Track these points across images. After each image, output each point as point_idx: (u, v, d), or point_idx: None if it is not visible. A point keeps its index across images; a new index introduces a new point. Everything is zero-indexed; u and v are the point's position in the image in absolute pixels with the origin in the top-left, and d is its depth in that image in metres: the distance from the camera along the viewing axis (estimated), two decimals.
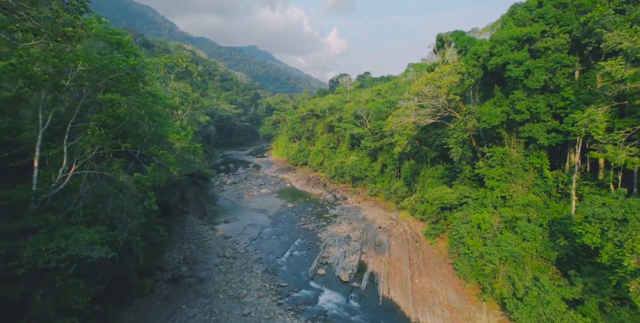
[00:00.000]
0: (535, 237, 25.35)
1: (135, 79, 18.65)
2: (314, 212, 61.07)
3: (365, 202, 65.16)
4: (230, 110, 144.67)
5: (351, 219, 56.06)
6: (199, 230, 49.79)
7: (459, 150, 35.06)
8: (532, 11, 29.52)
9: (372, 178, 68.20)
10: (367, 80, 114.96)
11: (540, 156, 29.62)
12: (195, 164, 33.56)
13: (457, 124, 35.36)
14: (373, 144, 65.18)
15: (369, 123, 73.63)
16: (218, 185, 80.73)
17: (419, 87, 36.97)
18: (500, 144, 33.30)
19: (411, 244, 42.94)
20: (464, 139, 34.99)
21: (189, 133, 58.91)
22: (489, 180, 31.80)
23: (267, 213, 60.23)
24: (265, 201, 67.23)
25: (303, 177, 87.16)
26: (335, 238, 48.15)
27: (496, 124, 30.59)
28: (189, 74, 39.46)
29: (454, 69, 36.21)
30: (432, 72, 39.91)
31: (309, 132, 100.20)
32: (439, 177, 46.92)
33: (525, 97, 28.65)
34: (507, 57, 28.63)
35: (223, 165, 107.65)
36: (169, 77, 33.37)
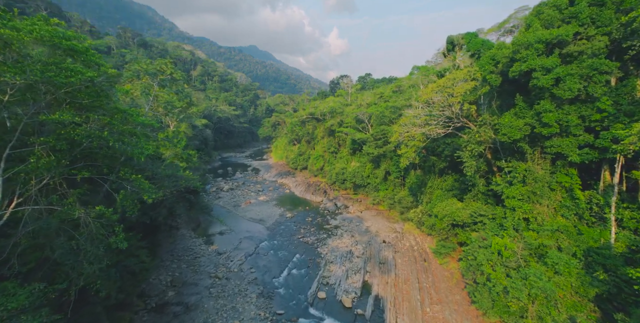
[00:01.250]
0: (570, 270, 21.75)
1: (96, 93, 15.05)
2: (314, 222, 57.44)
3: (368, 211, 61.55)
4: (229, 112, 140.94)
5: (353, 231, 52.43)
6: (192, 244, 46.17)
7: (474, 164, 31.40)
8: (563, 10, 25.87)
9: (375, 186, 64.57)
10: (368, 81, 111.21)
11: (570, 174, 26.00)
12: (183, 181, 29.86)
13: (472, 135, 31.68)
14: (376, 150, 61.50)
15: (371, 127, 70.01)
16: (215, 192, 77.18)
17: (428, 95, 33.27)
18: (521, 159, 29.65)
19: (419, 263, 39.33)
20: (479, 152, 31.32)
21: (181, 139, 55.38)
22: (509, 199, 28.17)
23: (265, 223, 56.57)
24: (263, 210, 63.57)
25: (303, 183, 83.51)
26: (337, 253, 44.54)
27: (518, 138, 26.95)
28: (174, 81, 36.03)
29: (468, 75, 32.53)
30: (442, 78, 36.20)
31: (309, 136, 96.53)
32: (448, 189, 43.26)
33: (554, 108, 25.00)
34: (534, 63, 24.95)
35: (221, 169, 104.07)
36: (151, 85, 29.60)
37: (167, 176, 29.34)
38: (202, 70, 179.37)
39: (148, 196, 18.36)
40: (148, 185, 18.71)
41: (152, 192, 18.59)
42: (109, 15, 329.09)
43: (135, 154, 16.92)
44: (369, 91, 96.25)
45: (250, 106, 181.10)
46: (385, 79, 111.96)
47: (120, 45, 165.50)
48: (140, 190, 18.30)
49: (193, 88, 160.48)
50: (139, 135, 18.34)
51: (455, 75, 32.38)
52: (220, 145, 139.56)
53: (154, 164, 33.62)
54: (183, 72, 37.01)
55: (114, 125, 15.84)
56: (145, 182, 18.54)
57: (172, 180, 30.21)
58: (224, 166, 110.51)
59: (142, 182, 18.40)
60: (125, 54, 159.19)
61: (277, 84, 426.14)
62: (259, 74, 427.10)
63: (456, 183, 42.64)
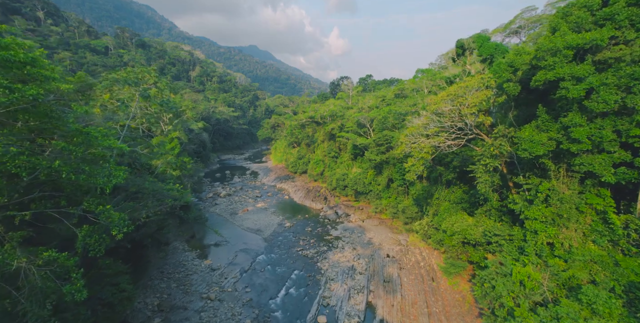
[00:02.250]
0: (611, 310, 18.75)
1: (45, 113, 12.03)
2: (313, 232, 54.41)
3: (370, 220, 58.54)
4: (228, 113, 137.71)
5: (355, 243, 49.44)
6: (184, 259, 43.13)
7: (488, 180, 28.35)
8: (595, 12, 22.81)
9: (377, 193, 61.53)
10: (369, 83, 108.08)
11: (602, 195, 22.98)
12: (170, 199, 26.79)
13: (486, 148, 28.62)
14: (378, 157, 58.47)
15: (373, 132, 67.00)
16: (211, 198, 74.08)
17: (438, 104, 30.19)
18: (541, 175, 26.62)
19: (427, 283, 36.34)
20: (494, 166, 28.27)
21: (175, 147, 52.32)
22: (531, 221, 25.14)
23: (262, 234, 53.54)
24: (260, 218, 60.52)
25: (302, 188, 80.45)
26: (338, 269, 41.55)
27: (541, 153, 23.90)
28: (160, 91, 33.12)
29: (482, 83, 29.45)
30: (453, 85, 33.10)
31: (309, 139, 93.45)
32: (457, 202, 40.22)
33: (585, 122, 21.95)
34: (562, 72, 21.86)
35: (219, 173, 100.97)
36: (133, 95, 26.48)
37: (153, 193, 26.26)
38: (201, 71, 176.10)
39: (118, 230, 15.30)
40: (119, 217, 15.63)
41: (123, 225, 15.52)
42: (108, 14, 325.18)
43: (99, 184, 13.88)
44: (371, 93, 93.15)
45: (249, 107, 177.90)
46: (387, 80, 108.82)
47: (118, 45, 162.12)
48: (109, 223, 15.23)
49: (192, 89, 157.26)
50: (108, 159, 15.26)
51: (468, 83, 29.28)
52: (219, 147, 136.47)
53: (139, 178, 30.59)
54: (169, 81, 33.81)
55: (72, 151, 12.83)
56: (115, 214, 15.48)
57: (158, 198, 27.13)
58: (222, 169, 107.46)
59: (111, 214, 15.33)
60: (123, 54, 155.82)
61: (277, 84, 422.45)
62: (259, 74, 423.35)
63: (465, 195, 39.62)
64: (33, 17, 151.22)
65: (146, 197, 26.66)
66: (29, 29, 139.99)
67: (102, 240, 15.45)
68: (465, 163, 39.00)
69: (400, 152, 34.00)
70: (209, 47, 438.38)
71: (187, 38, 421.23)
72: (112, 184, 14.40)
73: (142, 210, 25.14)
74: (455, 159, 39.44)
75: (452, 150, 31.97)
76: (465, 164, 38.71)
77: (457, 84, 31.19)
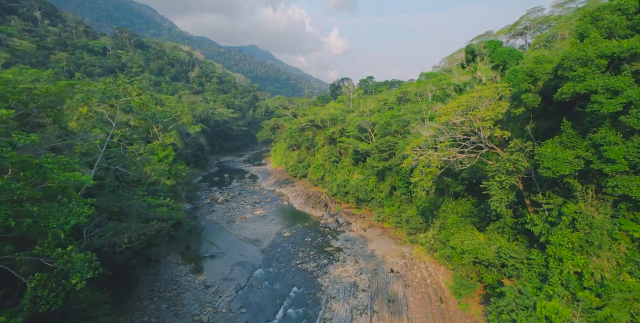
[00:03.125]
0: None
1: None
2: (313, 243, 51.77)
3: (372, 229, 55.90)
4: (227, 115, 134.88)
5: (357, 255, 46.81)
6: (177, 274, 40.45)
7: (504, 198, 25.66)
8: (631, 16, 20.11)
9: (379, 201, 58.83)
10: (370, 85, 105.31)
11: (639, 220, 20.33)
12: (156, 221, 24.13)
13: (501, 164, 25.93)
14: (381, 163, 55.80)
15: (374, 137, 64.27)
16: (209, 204, 71.34)
17: (449, 116, 27.47)
18: (565, 195, 23.93)
19: (434, 304, 33.71)
20: (510, 184, 25.58)
21: (169, 154, 49.66)
22: (554, 246, 22.47)
23: (260, 245, 50.88)
24: (258, 227, 57.84)
25: (302, 193, 77.79)
26: (339, 286, 38.92)
27: (566, 173, 21.21)
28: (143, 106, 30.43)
29: (496, 92, 26.73)
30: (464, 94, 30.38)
31: (309, 142, 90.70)
32: (465, 215, 37.54)
33: (621, 140, 19.26)
34: (594, 84, 19.15)
35: (217, 176, 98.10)
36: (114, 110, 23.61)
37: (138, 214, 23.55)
38: (200, 72, 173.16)
39: (80, 277, 12.60)
40: (82, 260, 12.93)
41: (86, 271, 12.83)
42: (108, 14, 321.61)
43: (51, 228, 11.21)
44: (372, 96, 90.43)
45: (249, 108, 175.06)
46: (388, 82, 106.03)
47: (116, 46, 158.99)
48: (69, 269, 12.54)
49: (190, 90, 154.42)
50: (70, 192, 12.55)
51: (481, 93, 26.55)
52: (218, 149, 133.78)
53: (127, 192, 27.89)
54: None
55: (13, 190, 10.19)
56: (77, 256, 12.78)
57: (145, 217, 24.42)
58: (220, 172, 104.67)
59: (73, 257, 12.63)
60: (121, 55, 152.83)
61: (277, 84, 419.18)
62: (259, 74, 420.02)
63: (475, 209, 36.93)
64: (30, 17, 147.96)
65: (130, 217, 23.94)
66: (26, 29, 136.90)
67: (61, 289, 12.77)
68: (474, 175, 36.40)
69: (407, 165, 31.25)
70: (209, 47, 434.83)
71: (187, 38, 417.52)
72: (69, 226, 11.73)
73: (125, 234, 22.40)
74: (464, 171, 36.75)
75: (463, 164, 29.16)
76: (475, 176, 36.17)
77: (468, 94, 28.46)
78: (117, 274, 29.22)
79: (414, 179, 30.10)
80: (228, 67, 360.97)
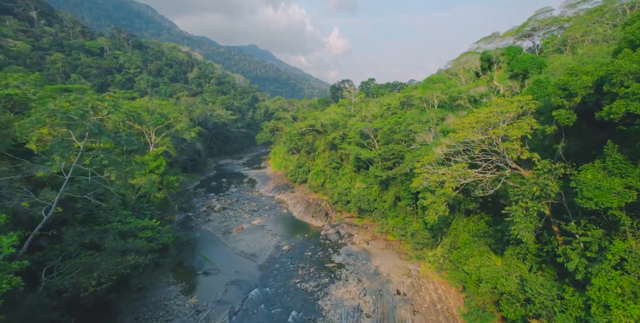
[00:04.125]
0: None
1: None
2: (314, 258, 48.38)
3: (375, 242, 52.49)
4: (226, 116, 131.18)
5: (360, 273, 43.43)
6: (166, 296, 37.03)
7: (531, 227, 22.19)
8: None
9: (383, 211, 55.39)
10: (371, 87, 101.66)
11: None
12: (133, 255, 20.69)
13: (527, 188, 22.46)
14: (384, 173, 52.36)
15: (377, 143, 60.77)
16: (205, 212, 67.95)
17: (466, 133, 23.96)
18: (606, 226, 20.50)
19: None
20: (539, 211, 22.12)
21: (160, 165, 46.20)
22: (598, 290, 19.03)
23: (257, 260, 47.49)
24: (256, 239, 54.43)
25: (302, 200, 74.36)
26: (342, 310, 35.55)
27: (614, 206, 17.78)
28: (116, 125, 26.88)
29: (519, 107, 23.24)
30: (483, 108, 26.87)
31: (309, 146, 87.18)
32: (479, 235, 34.13)
33: None
34: None
35: (215, 181, 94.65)
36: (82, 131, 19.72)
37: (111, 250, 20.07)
38: (199, 72, 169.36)
39: None
40: None
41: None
42: (107, 14, 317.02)
43: None
44: (374, 99, 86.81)
45: (248, 109, 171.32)
46: (390, 84, 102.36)
47: (114, 46, 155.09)
48: None
49: (189, 91, 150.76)
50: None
51: (503, 108, 23.04)
52: (217, 151, 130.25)
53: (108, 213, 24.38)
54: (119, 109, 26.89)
55: None
56: None
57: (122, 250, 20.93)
58: (218, 177, 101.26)
59: None
60: (119, 55, 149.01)
61: (277, 84, 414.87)
62: (259, 74, 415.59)
63: (489, 228, 33.52)
64: (26, 17, 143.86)
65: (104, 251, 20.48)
66: (21, 29, 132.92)
67: None
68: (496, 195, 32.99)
69: (417, 185, 27.75)
70: (209, 46, 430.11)
71: (186, 38, 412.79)
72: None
73: (94, 272, 18.95)
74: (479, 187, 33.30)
75: (484, 189, 25.68)
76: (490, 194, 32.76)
77: (488, 108, 24.93)
78: (95, 303, 25.87)
79: (425, 202, 26.62)
80: (228, 67, 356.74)
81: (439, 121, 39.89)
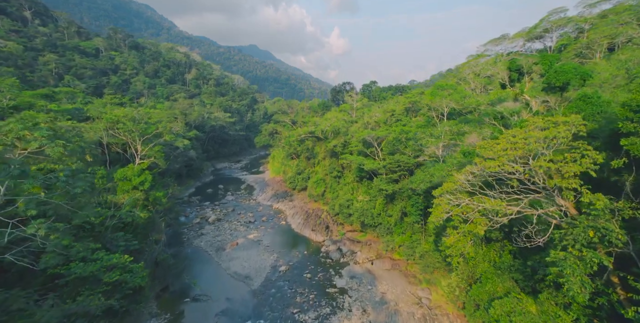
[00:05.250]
0: None
1: None
2: (313, 280, 43.63)
3: (380, 261, 47.72)
4: (223, 119, 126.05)
5: (364, 300, 38.72)
6: None
7: (589, 283, 17.40)
8: None
9: (388, 227, 50.61)
10: (373, 90, 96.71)
11: None
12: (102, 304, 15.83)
13: (580, 232, 17.67)
14: (390, 187, 47.63)
15: (380, 152, 55.91)
16: (198, 224, 63.20)
17: (500, 163, 19.11)
18: None
19: None
20: (598, 262, 17.33)
21: (145, 180, 41.33)
22: None
23: (252, 283, 42.71)
24: (251, 257, 49.63)
25: (301, 211, 69.57)
26: None
27: None
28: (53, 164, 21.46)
29: (568, 131, 18.41)
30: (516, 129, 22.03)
31: (309, 152, 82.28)
32: (503, 268, 29.37)
33: None
34: None
35: (211, 188, 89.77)
36: None
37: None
38: (197, 74, 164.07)
39: None
40: None
41: None
42: (107, 14, 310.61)
43: None
44: (376, 103, 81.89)
45: (247, 111, 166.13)
46: (392, 87, 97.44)
47: (110, 47, 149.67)
48: None
49: (186, 93, 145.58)
50: None
51: (548, 132, 18.18)
52: (214, 154, 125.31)
53: (79, 249, 19.42)
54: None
55: None
56: None
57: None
58: (215, 182, 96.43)
59: None
60: (115, 56, 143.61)
61: (277, 85, 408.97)
62: (259, 75, 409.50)
63: (516, 261, 28.75)
64: (19, 17, 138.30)
65: None
66: (14, 29, 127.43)
67: None
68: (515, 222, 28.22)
69: (436, 219, 22.95)
70: (209, 46, 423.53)
71: (186, 38, 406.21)
72: None
73: None
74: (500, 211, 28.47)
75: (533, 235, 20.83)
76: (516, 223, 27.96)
77: (524, 129, 20.05)
78: None
79: (447, 241, 21.83)
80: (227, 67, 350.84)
81: (455, 136, 35.02)
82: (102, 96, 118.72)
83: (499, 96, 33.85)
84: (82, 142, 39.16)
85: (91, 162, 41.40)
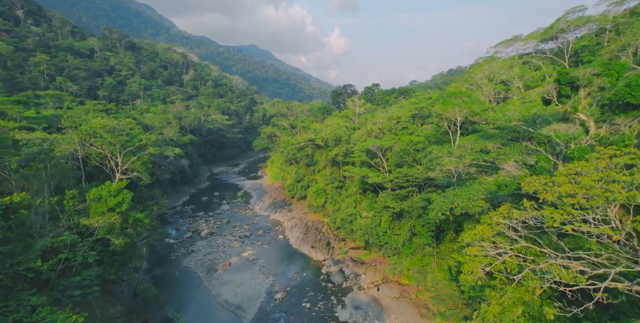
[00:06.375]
0: None
1: None
2: (313, 311, 38.44)
3: (387, 286, 42.52)
4: (221, 122, 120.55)
5: None
6: None
7: None
8: None
9: (395, 247, 45.45)
10: (376, 94, 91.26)
11: None
12: None
13: None
14: (398, 205, 42.42)
15: (386, 162, 50.60)
16: (189, 239, 57.99)
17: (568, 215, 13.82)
18: None
19: None
20: None
21: (124, 200, 36.04)
22: None
23: (244, 315, 37.50)
24: (244, 281, 44.38)
25: (300, 223, 64.34)
26: None
27: None
28: None
29: None
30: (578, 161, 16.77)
31: (308, 158, 77.05)
32: (535, 316, 24.16)
33: None
34: None
35: (206, 195, 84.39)
36: None
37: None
38: (194, 75, 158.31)
39: None
40: None
41: None
42: (105, 13, 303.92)
43: None
44: (380, 107, 76.50)
45: (246, 112, 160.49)
46: (395, 90, 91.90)
47: (105, 47, 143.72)
48: None
49: (183, 94, 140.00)
50: None
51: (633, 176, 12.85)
52: (211, 158, 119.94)
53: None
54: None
55: None
56: None
57: None
58: (211, 189, 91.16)
59: None
60: (110, 57, 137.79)
61: (277, 85, 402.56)
62: (258, 75, 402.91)
63: (556, 307, 23.52)
64: (11, 16, 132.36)
65: None
66: (4, 29, 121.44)
67: None
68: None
69: (472, 278, 17.74)
70: (208, 46, 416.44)
71: (185, 37, 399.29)
72: None
73: None
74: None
75: None
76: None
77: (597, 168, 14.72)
78: None
79: (490, 310, 16.63)
80: (226, 67, 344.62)
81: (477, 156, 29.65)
82: (96, 98, 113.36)
83: (537, 112, 28.29)
84: (52, 158, 33.86)
85: (58, 181, 36.06)
